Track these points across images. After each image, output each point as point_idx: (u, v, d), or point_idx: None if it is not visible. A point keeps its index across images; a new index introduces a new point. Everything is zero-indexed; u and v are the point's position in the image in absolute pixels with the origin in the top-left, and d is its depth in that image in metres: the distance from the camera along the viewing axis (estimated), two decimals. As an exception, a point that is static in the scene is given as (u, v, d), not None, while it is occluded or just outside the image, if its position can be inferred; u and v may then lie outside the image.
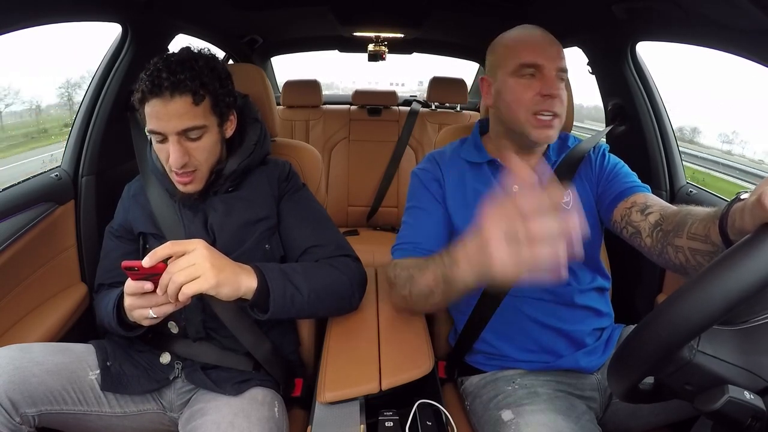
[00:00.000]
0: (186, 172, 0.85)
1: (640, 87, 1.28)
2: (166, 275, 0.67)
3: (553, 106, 0.84)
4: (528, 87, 0.85)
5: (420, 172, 0.97)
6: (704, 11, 0.89)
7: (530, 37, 0.88)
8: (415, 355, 0.82)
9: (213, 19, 1.70)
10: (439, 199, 0.93)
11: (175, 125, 0.80)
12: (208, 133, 0.85)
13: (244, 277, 0.74)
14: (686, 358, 0.50)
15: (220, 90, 0.85)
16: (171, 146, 0.81)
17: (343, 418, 0.72)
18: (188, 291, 0.66)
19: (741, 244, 0.44)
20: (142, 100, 0.81)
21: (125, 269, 0.67)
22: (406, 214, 0.95)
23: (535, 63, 0.85)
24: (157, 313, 0.72)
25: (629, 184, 0.88)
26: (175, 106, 0.79)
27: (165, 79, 0.78)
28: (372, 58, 2.34)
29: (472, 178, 0.93)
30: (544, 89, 0.83)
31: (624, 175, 0.91)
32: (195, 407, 0.84)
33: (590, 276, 0.93)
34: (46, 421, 0.79)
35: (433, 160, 0.98)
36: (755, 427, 0.47)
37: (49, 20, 0.97)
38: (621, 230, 0.85)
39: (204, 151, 0.85)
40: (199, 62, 0.82)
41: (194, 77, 0.80)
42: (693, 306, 0.44)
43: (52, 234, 1.14)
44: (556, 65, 0.85)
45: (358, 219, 2.30)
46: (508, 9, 1.53)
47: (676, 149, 1.28)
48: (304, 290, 0.80)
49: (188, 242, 0.70)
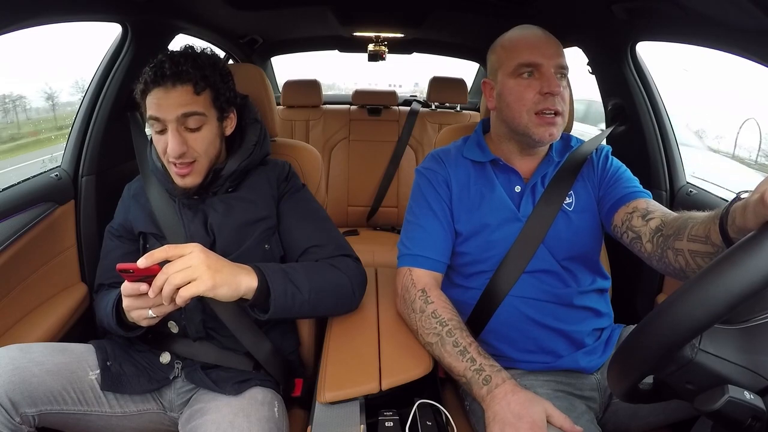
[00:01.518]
0: (184, 163, 0.85)
1: (640, 87, 1.28)
2: (161, 276, 0.67)
3: (554, 103, 0.84)
4: (528, 86, 0.85)
5: (427, 172, 0.96)
6: (704, 11, 0.89)
7: (527, 37, 0.88)
8: (415, 355, 0.82)
9: (213, 19, 1.70)
10: (446, 201, 0.93)
11: (175, 111, 0.82)
12: (207, 124, 0.86)
13: (243, 277, 0.74)
14: (688, 357, 0.49)
15: (221, 84, 0.87)
16: (170, 135, 0.83)
17: (343, 418, 0.72)
18: (185, 294, 0.67)
19: (744, 242, 0.44)
20: (145, 90, 0.83)
21: (120, 272, 0.68)
22: (413, 214, 0.94)
23: (534, 62, 0.85)
24: (156, 313, 0.72)
25: (631, 189, 0.88)
26: (176, 94, 0.82)
27: (168, 69, 0.81)
28: (372, 58, 2.34)
29: (476, 177, 0.94)
30: (544, 87, 0.84)
31: (626, 180, 0.91)
32: (195, 407, 0.84)
33: (590, 278, 0.93)
34: (46, 421, 0.79)
35: (438, 159, 0.97)
36: (755, 427, 0.47)
37: (49, 20, 0.97)
38: (621, 235, 0.85)
39: (203, 141, 0.86)
40: (202, 57, 0.86)
41: (196, 68, 0.83)
42: (696, 303, 0.44)
43: (52, 234, 1.14)
44: (554, 63, 0.85)
45: (358, 219, 2.30)
46: (508, 9, 1.52)
47: (677, 149, 1.28)
48: (305, 290, 0.80)
49: (185, 246, 0.70)
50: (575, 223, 0.90)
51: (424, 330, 0.83)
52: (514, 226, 0.89)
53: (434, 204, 0.92)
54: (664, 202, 1.24)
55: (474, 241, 0.90)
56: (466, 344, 0.77)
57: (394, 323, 0.91)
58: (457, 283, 0.95)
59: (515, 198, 0.92)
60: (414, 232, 0.92)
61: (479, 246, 0.90)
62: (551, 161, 0.94)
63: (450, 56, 2.71)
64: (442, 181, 0.94)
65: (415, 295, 0.86)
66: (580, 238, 0.90)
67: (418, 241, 0.91)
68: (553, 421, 0.66)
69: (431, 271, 0.89)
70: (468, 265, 0.92)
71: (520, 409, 0.66)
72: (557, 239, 0.88)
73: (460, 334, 0.79)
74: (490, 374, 0.72)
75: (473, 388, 0.74)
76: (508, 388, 0.70)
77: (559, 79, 0.85)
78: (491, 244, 0.89)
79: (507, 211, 0.90)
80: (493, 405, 0.69)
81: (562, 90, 0.85)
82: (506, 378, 0.72)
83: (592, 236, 0.92)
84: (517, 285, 0.87)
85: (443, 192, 0.93)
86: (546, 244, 0.88)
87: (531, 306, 0.88)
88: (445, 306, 0.84)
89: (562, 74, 0.87)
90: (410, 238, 0.92)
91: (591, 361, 0.88)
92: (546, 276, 0.88)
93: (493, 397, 0.70)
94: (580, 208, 0.91)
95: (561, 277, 0.89)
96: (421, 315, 0.84)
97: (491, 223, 0.89)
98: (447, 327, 0.80)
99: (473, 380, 0.74)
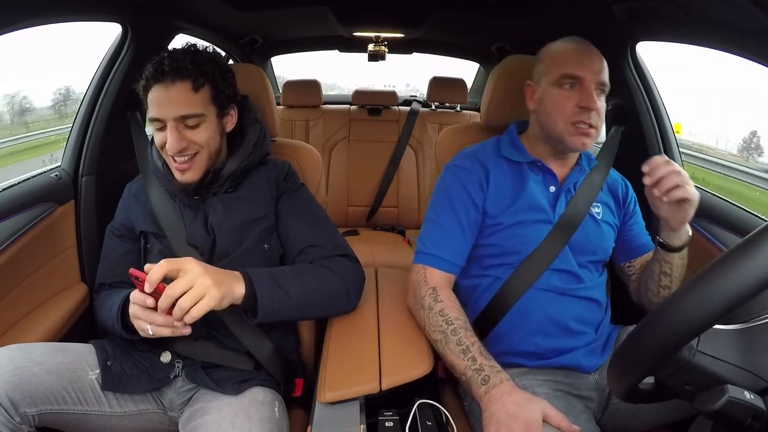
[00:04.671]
0: (184, 159, 0.86)
1: (640, 87, 1.28)
2: (164, 299, 0.68)
3: (589, 117, 0.88)
4: (568, 98, 0.89)
5: (459, 171, 0.96)
6: (704, 11, 0.89)
7: (575, 50, 0.91)
8: (415, 355, 0.82)
9: (213, 19, 1.70)
10: (478, 202, 0.93)
11: (174, 110, 0.83)
12: (206, 122, 0.86)
13: (235, 284, 0.76)
14: (686, 359, 0.50)
15: (220, 80, 0.87)
16: (169, 132, 0.83)
17: (343, 418, 0.72)
18: (196, 313, 0.68)
19: (741, 244, 0.44)
20: (146, 87, 0.84)
21: (132, 277, 0.70)
22: (435, 212, 0.95)
23: (577, 75, 0.88)
24: (154, 332, 0.73)
25: (646, 238, 1.02)
26: (175, 91, 0.82)
27: (167, 65, 0.82)
28: (372, 58, 2.34)
29: (512, 176, 0.96)
30: (582, 101, 0.87)
31: (642, 227, 1.03)
32: (195, 407, 0.84)
33: (597, 274, 0.97)
34: (46, 421, 0.79)
35: (475, 159, 0.97)
36: (755, 427, 0.47)
37: (49, 20, 0.97)
38: (631, 276, 1.01)
39: (202, 136, 0.86)
40: (202, 54, 0.87)
41: (195, 64, 0.84)
42: (693, 305, 0.44)
43: (52, 234, 1.14)
44: (597, 79, 0.88)
45: (358, 219, 2.30)
46: (508, 9, 1.52)
47: (677, 149, 1.28)
48: (293, 293, 0.81)
49: (181, 261, 0.71)
50: (602, 230, 0.95)
51: (430, 327, 0.84)
52: (545, 225, 0.91)
53: (458, 205, 0.93)
54: (664, 202, 1.24)
55: (505, 233, 0.92)
56: (469, 344, 0.78)
57: (394, 323, 0.91)
58: (472, 273, 0.96)
59: (550, 198, 0.94)
60: (433, 231, 0.93)
61: (509, 240, 0.91)
62: (583, 170, 0.97)
63: (450, 56, 2.71)
64: (476, 180, 0.94)
65: (426, 292, 0.87)
66: (601, 246, 0.95)
67: (436, 241, 0.92)
68: (551, 420, 0.67)
69: (445, 272, 0.91)
70: (493, 257, 0.93)
71: (515, 410, 0.67)
72: (582, 243, 0.92)
73: (464, 333, 0.79)
74: (489, 374, 0.73)
75: (472, 388, 0.75)
76: (505, 388, 0.70)
77: (598, 95, 0.89)
78: (522, 239, 0.91)
79: (541, 210, 0.92)
80: (489, 405, 0.70)
81: (599, 106, 0.88)
82: (504, 379, 0.72)
83: (610, 247, 0.98)
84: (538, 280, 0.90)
85: (475, 192, 0.93)
86: (570, 246, 0.91)
87: (547, 299, 0.89)
88: (453, 306, 0.85)
89: (602, 90, 0.90)
90: (429, 236, 0.93)
91: (591, 360, 0.89)
92: (564, 274, 0.91)
93: (490, 397, 0.70)
94: (606, 219, 0.97)
95: (576, 276, 0.92)
96: (429, 312, 0.85)
97: (525, 219, 0.91)
98: (452, 326, 0.81)
99: (472, 379, 0.74)
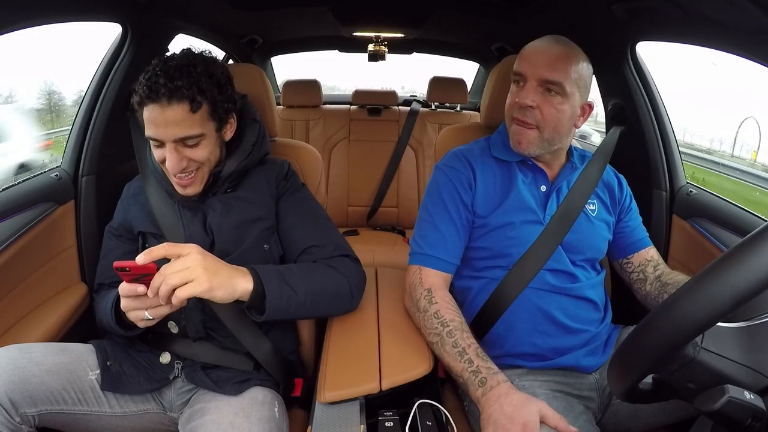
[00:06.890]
0: (186, 175, 0.85)
1: (640, 87, 1.27)
2: (158, 277, 0.67)
3: (524, 115, 0.88)
4: (513, 94, 0.90)
5: (448, 170, 0.95)
6: (704, 11, 0.89)
7: (531, 48, 0.90)
8: (415, 355, 0.82)
9: (213, 20, 1.70)
10: (467, 202, 0.93)
11: (173, 133, 0.80)
12: (205, 140, 0.85)
13: (239, 279, 0.75)
14: (690, 356, 0.49)
15: (218, 96, 0.84)
16: (168, 153, 0.82)
17: (343, 418, 0.72)
18: (181, 294, 0.67)
19: (747, 240, 0.44)
20: (141, 103, 0.81)
21: (117, 269, 0.68)
22: (427, 212, 0.95)
23: (518, 71, 0.89)
24: (152, 315, 0.72)
25: (643, 234, 1.01)
26: (172, 113, 0.79)
27: (162, 86, 0.77)
28: (372, 58, 2.34)
29: (501, 176, 0.95)
30: (519, 98, 0.87)
31: (639, 222, 1.02)
32: (195, 407, 0.84)
33: (593, 273, 0.96)
34: (46, 421, 0.79)
35: (463, 158, 0.97)
36: (755, 427, 0.47)
37: (49, 20, 0.97)
38: (631, 273, 0.99)
39: (202, 153, 0.85)
40: (197, 68, 0.82)
41: (191, 84, 0.79)
42: (700, 301, 0.44)
43: (52, 234, 1.14)
44: (537, 75, 0.86)
45: (358, 219, 2.29)
46: (508, 9, 1.52)
47: (676, 149, 1.28)
48: (301, 291, 0.81)
49: (184, 246, 0.70)
50: (596, 228, 0.94)
51: (426, 329, 0.84)
52: (535, 227, 0.90)
53: (450, 204, 0.92)
54: (664, 202, 1.24)
55: (495, 236, 0.91)
56: (465, 345, 0.78)
57: (394, 323, 0.91)
58: (465, 275, 0.96)
59: (541, 197, 0.94)
60: (427, 231, 0.93)
61: (499, 243, 0.91)
62: (575, 167, 0.96)
63: (450, 56, 2.71)
64: (465, 181, 0.94)
65: (421, 294, 0.87)
66: (596, 244, 0.95)
67: (431, 241, 0.91)
68: (548, 421, 0.67)
69: (440, 271, 0.90)
70: (484, 259, 0.93)
71: (512, 411, 0.67)
72: (576, 242, 0.91)
73: (460, 335, 0.79)
74: (486, 376, 0.73)
75: (470, 389, 0.75)
76: (502, 390, 0.70)
77: (544, 92, 0.86)
78: (513, 240, 0.90)
79: (530, 211, 0.91)
80: (487, 407, 0.70)
81: (540, 105, 0.86)
82: (501, 380, 0.72)
83: (604, 245, 0.97)
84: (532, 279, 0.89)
85: (464, 192, 0.93)
86: (563, 245, 0.90)
87: (541, 298, 0.89)
88: (448, 307, 0.84)
89: (548, 89, 0.86)
90: (423, 237, 0.93)
91: (591, 360, 0.89)
92: (558, 273, 0.90)
93: (488, 399, 0.71)
94: (600, 216, 0.96)
95: (571, 275, 0.91)
96: (424, 314, 0.85)
97: (514, 221, 0.90)
98: (448, 328, 0.80)
99: (470, 381, 0.74)
